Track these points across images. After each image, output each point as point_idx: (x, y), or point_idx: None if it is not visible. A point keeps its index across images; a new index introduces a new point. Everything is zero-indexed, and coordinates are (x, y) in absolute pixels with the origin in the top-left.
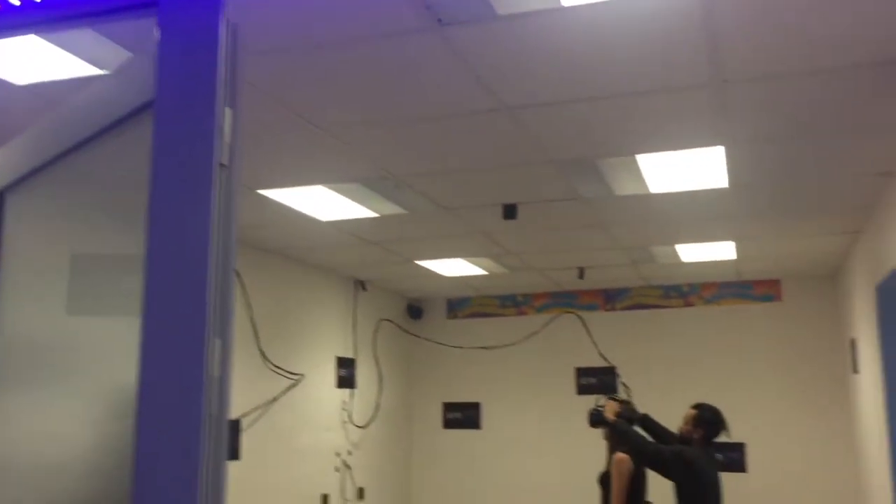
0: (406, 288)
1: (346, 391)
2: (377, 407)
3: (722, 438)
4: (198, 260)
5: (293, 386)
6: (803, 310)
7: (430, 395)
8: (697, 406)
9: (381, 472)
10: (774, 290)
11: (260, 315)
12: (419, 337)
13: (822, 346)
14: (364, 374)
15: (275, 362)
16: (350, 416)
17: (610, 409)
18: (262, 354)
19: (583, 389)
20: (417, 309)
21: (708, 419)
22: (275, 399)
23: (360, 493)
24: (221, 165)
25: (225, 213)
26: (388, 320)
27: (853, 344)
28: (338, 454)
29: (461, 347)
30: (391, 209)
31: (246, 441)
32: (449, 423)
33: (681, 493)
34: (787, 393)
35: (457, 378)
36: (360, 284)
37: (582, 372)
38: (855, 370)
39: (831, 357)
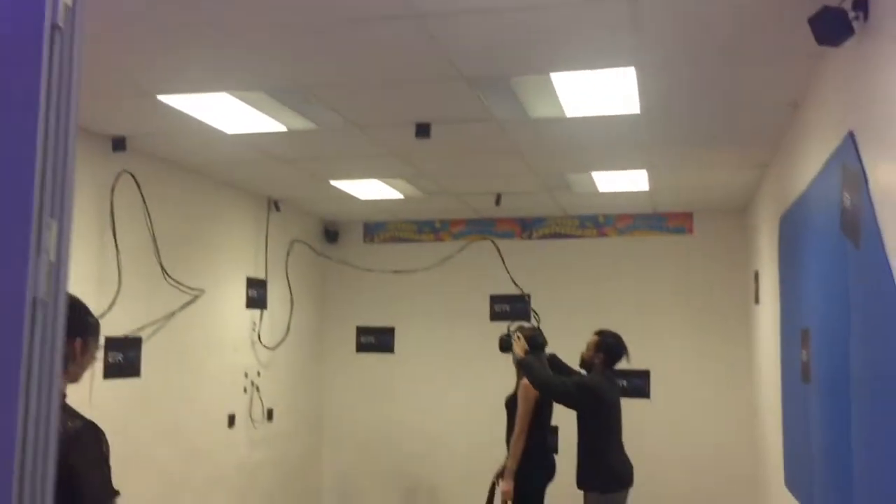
0: (322, 210)
1: (256, 312)
2: (288, 329)
3: (623, 364)
4: (24, 131)
5: (191, 301)
6: (713, 243)
7: (344, 318)
8: (599, 332)
9: (291, 393)
10: (686, 223)
11: (162, 228)
12: (333, 260)
13: (728, 278)
14: (275, 295)
15: (178, 279)
16: (260, 337)
17: (519, 347)
18: (162, 269)
19: (496, 316)
20: (333, 232)
21: (609, 345)
22: (172, 314)
23: (269, 413)
24: (56, 27)
25: (60, 83)
26: (301, 242)
27: (756, 276)
28: (246, 375)
29: (374, 271)
30: (301, 123)
31: (149, 359)
32: (362, 347)
33: (582, 419)
34: (694, 322)
35: (371, 302)
36: (274, 204)
37: (496, 299)
38: (756, 301)
39: (736, 289)
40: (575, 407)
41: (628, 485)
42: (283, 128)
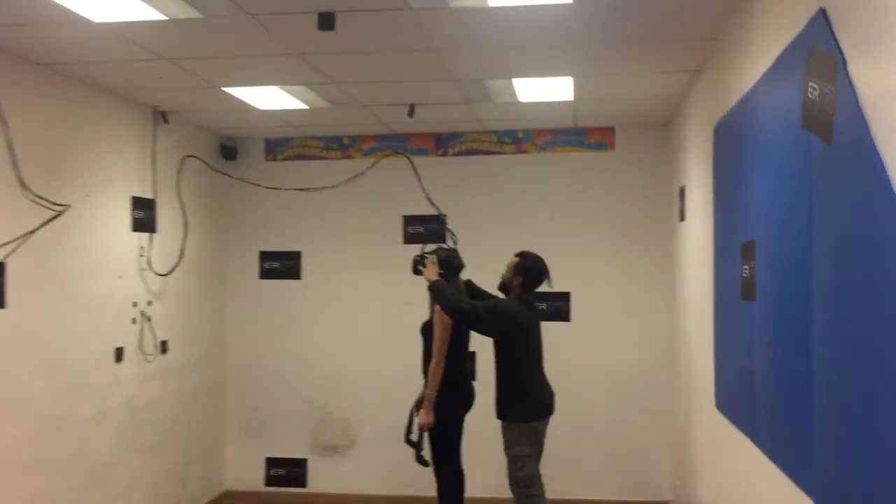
0: (217, 123)
1: (145, 236)
2: (182, 254)
3: (544, 288)
4: None
5: (54, 219)
6: (635, 159)
7: (246, 242)
8: (520, 254)
9: (188, 324)
10: (608, 138)
11: (22, 137)
12: (231, 177)
13: (651, 195)
14: (166, 217)
15: (40, 193)
16: (149, 263)
17: (431, 271)
18: (21, 182)
19: (410, 238)
20: (231, 149)
21: (528, 267)
22: (32, 232)
23: (163, 346)
24: None
25: None
26: (194, 157)
27: (682, 192)
28: (135, 304)
29: (278, 189)
30: (182, 10)
31: (16, 287)
32: (266, 273)
33: (498, 346)
34: (615, 242)
35: (276, 225)
36: (161, 115)
37: (410, 220)
38: (682, 218)
39: (659, 206)
40: (489, 333)
41: (548, 414)
42: (161, 16)
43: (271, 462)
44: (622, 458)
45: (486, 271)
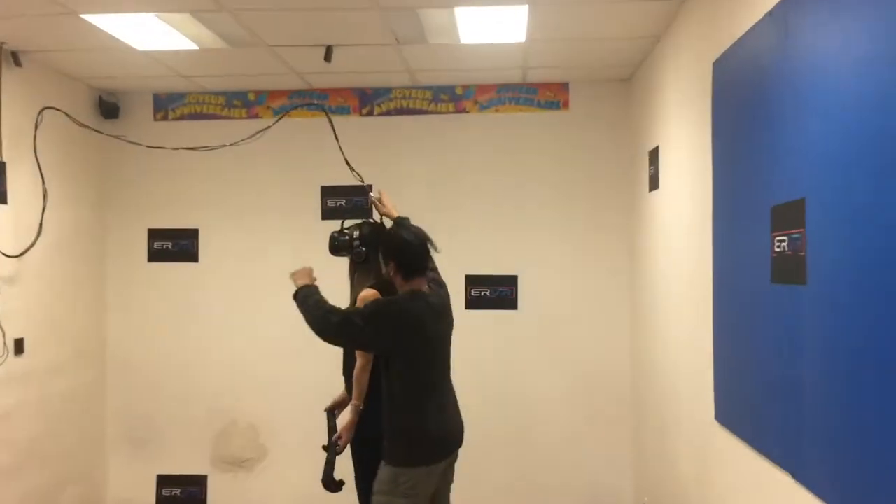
0: (91, 71)
1: None
2: (40, 230)
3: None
4: None
5: None
6: (592, 119)
7: (131, 218)
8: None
9: (51, 317)
10: (561, 95)
11: None
12: (102, 133)
13: (612, 161)
14: (20, 184)
15: None
16: None
17: (300, 275)
18: None
19: (329, 213)
20: (112, 105)
21: (394, 244)
22: None
23: (18, 345)
24: None
25: None
26: (55, 110)
27: (654, 154)
28: None
29: (163, 148)
30: None
31: None
32: (156, 255)
33: (382, 361)
34: (570, 217)
35: (167, 198)
36: (11, 57)
37: (328, 192)
38: (653, 186)
39: (622, 174)
40: (371, 348)
41: (452, 451)
42: None
43: (163, 480)
44: (577, 474)
45: None
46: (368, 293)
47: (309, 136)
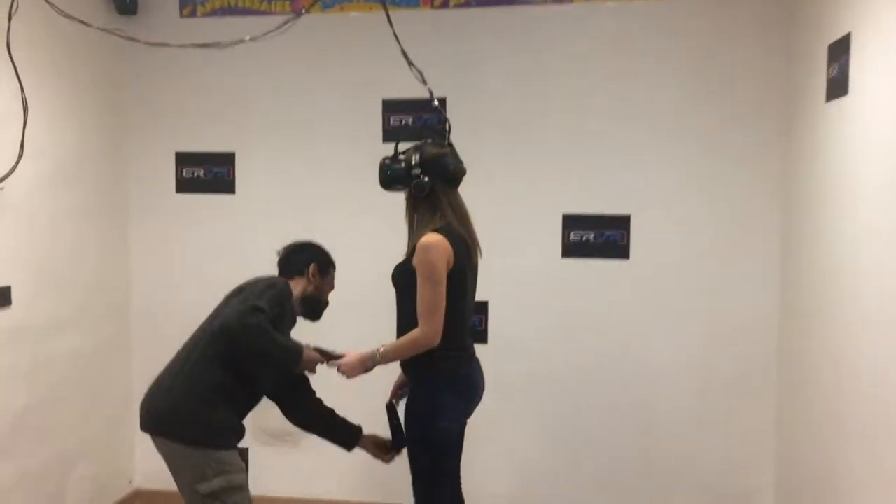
0: None
1: None
2: (21, 153)
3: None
4: None
5: None
6: (732, 7)
7: (155, 139)
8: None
9: (49, 262)
10: None
11: None
12: (91, 26)
13: (762, 64)
14: None
15: None
16: None
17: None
18: None
19: (393, 133)
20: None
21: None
22: None
23: (3, 295)
24: None
25: None
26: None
27: (838, 49)
28: None
29: (188, 46)
30: None
31: None
32: (186, 185)
33: None
34: (698, 140)
35: (199, 115)
36: None
37: (392, 107)
38: (836, 92)
39: (776, 82)
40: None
41: None
42: None
43: None
44: (703, 457)
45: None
46: (432, 239)
47: (368, 37)
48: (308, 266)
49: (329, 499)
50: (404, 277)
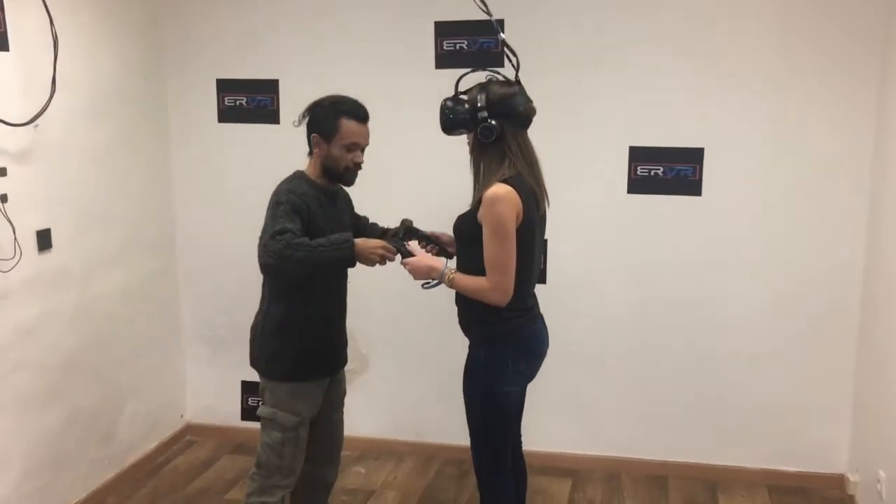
0: None
1: None
2: (54, 87)
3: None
4: None
5: None
6: None
7: (194, 65)
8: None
9: (88, 199)
10: None
11: None
12: None
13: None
14: (24, 23)
15: None
16: None
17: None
18: None
19: (446, 60)
20: None
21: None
22: None
23: (42, 238)
24: None
25: None
26: None
27: None
28: None
29: None
30: None
31: None
32: (228, 114)
33: None
34: (780, 66)
35: (240, 39)
36: None
37: (445, 29)
38: None
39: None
40: None
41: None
42: None
43: (248, 388)
44: (774, 417)
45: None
46: (500, 191)
47: None
48: (310, 138)
49: (378, 438)
50: (468, 230)
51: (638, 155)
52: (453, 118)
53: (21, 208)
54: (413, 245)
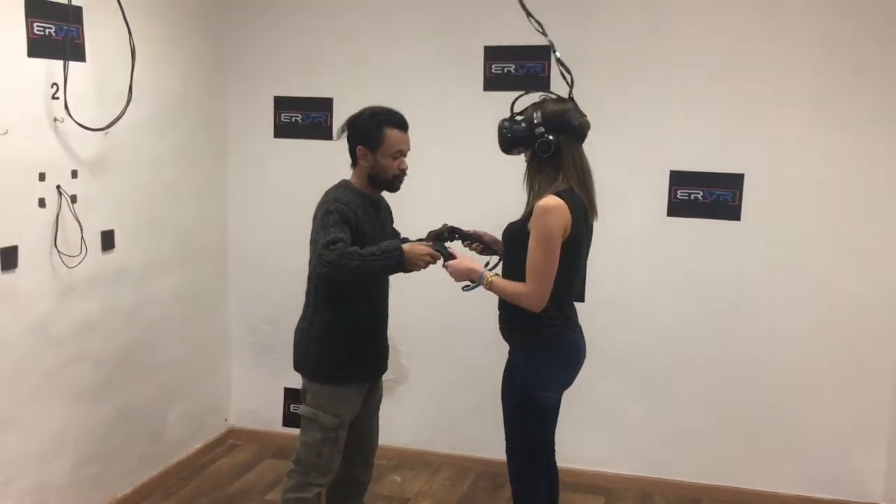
0: None
1: (57, 64)
2: (130, 96)
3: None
4: None
5: None
6: None
7: (253, 83)
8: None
9: (151, 204)
10: None
11: None
12: None
13: None
14: (102, 36)
15: None
16: (68, 111)
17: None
18: None
19: (494, 83)
20: None
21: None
22: None
23: (107, 239)
24: None
25: None
26: None
27: None
28: (42, 177)
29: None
30: None
31: None
32: (284, 129)
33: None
34: (823, 90)
35: (298, 59)
36: None
37: (494, 53)
38: None
39: None
40: None
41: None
42: None
43: (291, 394)
44: (813, 431)
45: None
46: (552, 202)
47: None
48: (355, 150)
49: (417, 449)
50: (516, 237)
51: (678, 179)
52: (511, 137)
53: (89, 209)
54: (454, 246)
